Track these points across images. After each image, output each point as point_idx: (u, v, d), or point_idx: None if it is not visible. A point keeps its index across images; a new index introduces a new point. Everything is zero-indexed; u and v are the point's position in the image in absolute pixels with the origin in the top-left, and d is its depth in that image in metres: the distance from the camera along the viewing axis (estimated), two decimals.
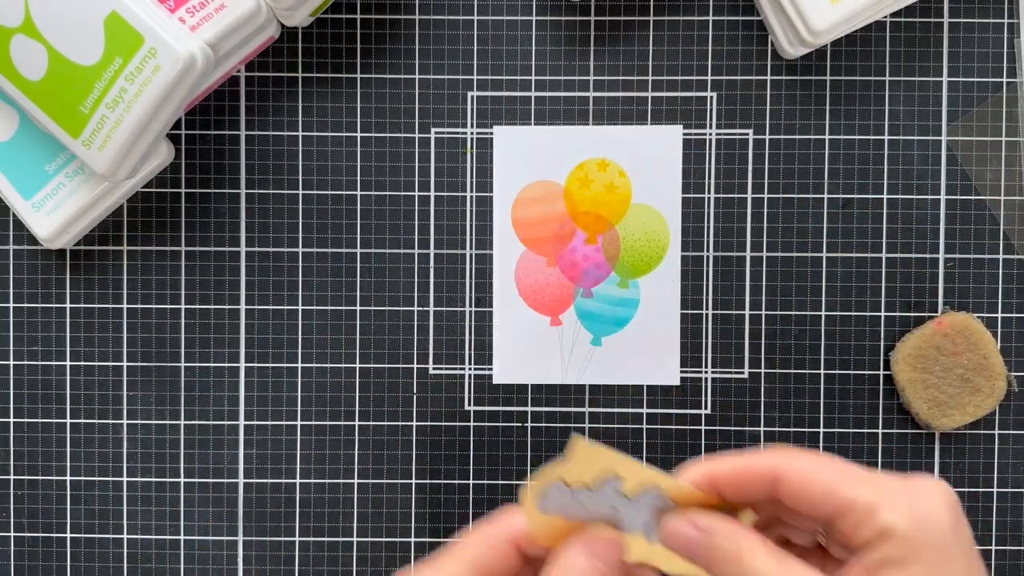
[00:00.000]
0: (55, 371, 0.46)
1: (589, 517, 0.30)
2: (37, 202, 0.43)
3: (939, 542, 0.27)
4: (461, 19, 0.45)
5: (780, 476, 0.28)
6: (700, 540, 0.29)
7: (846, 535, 0.28)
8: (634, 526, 0.30)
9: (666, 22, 0.45)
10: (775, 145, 0.45)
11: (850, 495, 0.27)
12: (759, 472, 0.29)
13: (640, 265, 0.45)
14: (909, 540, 0.26)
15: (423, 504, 0.46)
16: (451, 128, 0.45)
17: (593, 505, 0.30)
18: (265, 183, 0.45)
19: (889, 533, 0.27)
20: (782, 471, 0.28)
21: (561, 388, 0.45)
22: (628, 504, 0.30)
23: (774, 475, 0.29)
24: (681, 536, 0.29)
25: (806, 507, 0.28)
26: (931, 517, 0.27)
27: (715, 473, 0.29)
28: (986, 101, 0.45)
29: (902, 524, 0.27)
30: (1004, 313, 0.45)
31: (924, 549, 0.26)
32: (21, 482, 0.46)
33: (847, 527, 0.28)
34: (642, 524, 0.30)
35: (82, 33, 0.38)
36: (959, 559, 0.27)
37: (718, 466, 0.29)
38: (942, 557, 0.27)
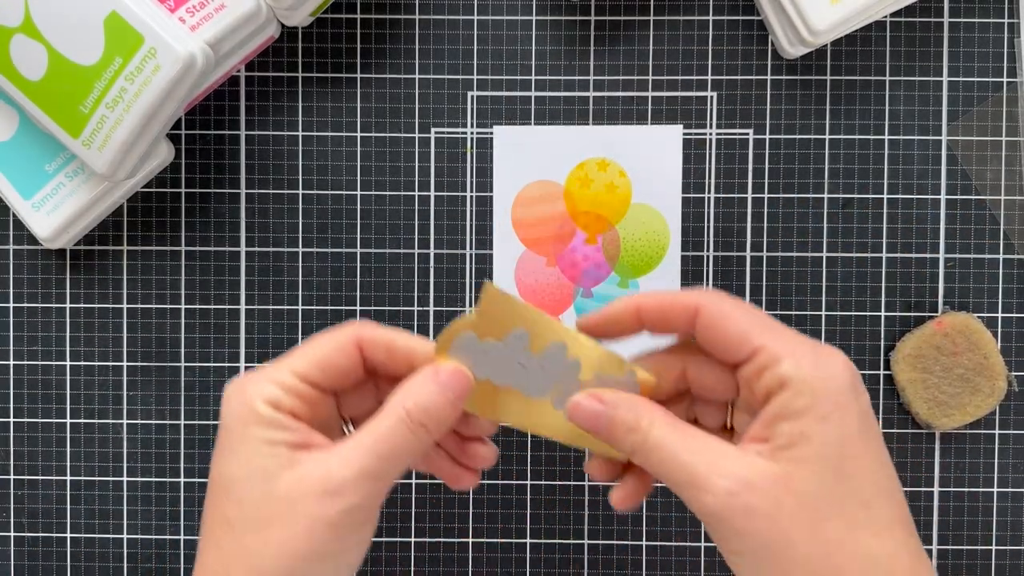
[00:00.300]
0: (55, 371, 0.46)
1: (496, 373, 0.30)
2: (37, 202, 0.42)
3: (836, 396, 0.27)
4: (461, 19, 0.45)
5: (701, 311, 0.29)
6: (603, 414, 0.29)
7: (749, 384, 0.29)
8: (539, 391, 0.31)
9: (666, 22, 0.45)
10: (775, 145, 0.45)
11: (759, 341, 0.28)
12: (683, 304, 0.29)
13: (640, 265, 0.45)
14: (807, 390, 0.27)
15: (423, 504, 0.45)
16: (451, 128, 0.45)
17: (500, 360, 0.30)
18: (265, 183, 0.45)
19: (789, 381, 0.27)
20: (703, 306, 0.29)
21: None
22: (534, 363, 0.30)
23: (696, 308, 0.29)
24: (585, 410, 0.30)
25: (719, 346, 0.29)
26: (831, 372, 0.28)
27: (641, 303, 0.30)
28: (986, 101, 0.45)
29: (802, 374, 0.27)
30: (1004, 313, 0.45)
31: (821, 401, 0.27)
32: (21, 482, 0.46)
33: (751, 374, 0.28)
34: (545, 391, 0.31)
35: (82, 33, 0.38)
36: (854, 416, 0.27)
37: (644, 298, 0.30)
38: (839, 411, 0.27)
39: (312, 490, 0.28)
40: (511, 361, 0.30)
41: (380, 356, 0.31)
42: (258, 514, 0.28)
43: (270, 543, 0.28)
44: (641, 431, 0.29)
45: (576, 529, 0.45)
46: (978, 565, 0.45)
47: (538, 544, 0.45)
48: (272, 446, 0.29)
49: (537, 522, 0.45)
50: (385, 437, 0.29)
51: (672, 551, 0.45)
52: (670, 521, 0.45)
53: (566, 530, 0.45)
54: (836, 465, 0.27)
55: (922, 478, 0.45)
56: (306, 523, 0.28)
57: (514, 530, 0.45)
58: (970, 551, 0.45)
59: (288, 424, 0.29)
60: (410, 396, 0.29)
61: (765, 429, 0.28)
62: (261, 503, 0.28)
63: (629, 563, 0.45)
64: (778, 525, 0.26)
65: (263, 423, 0.29)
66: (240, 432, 0.29)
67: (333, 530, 0.28)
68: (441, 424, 0.30)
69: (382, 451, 0.29)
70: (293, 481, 0.28)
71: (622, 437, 0.29)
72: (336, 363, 0.30)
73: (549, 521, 0.45)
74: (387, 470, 0.29)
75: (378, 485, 0.29)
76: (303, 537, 0.28)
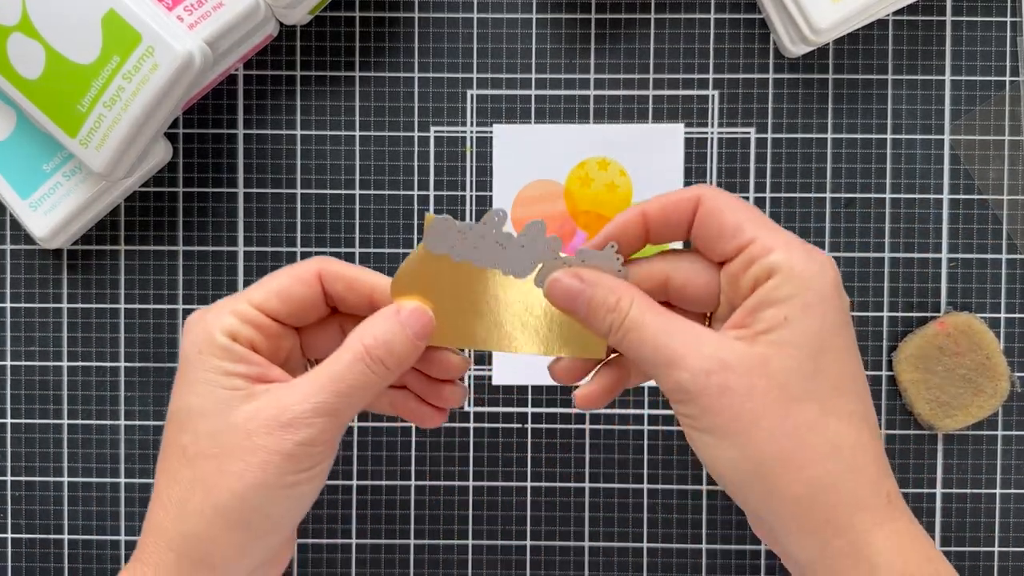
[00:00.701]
0: (52, 371, 0.45)
1: (475, 255, 0.31)
2: (34, 201, 0.42)
3: (821, 289, 0.28)
4: (461, 17, 0.45)
5: (702, 200, 0.30)
6: (583, 291, 0.30)
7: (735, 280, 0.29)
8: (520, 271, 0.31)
9: (667, 20, 0.45)
10: (777, 144, 0.45)
11: (753, 233, 0.29)
12: (685, 197, 0.30)
13: None
14: (794, 278, 0.28)
15: (422, 506, 0.45)
16: (451, 127, 0.45)
17: (477, 241, 0.30)
18: (264, 182, 0.45)
19: (777, 269, 0.28)
20: (704, 197, 0.30)
21: (561, 389, 0.45)
22: (513, 242, 0.30)
23: (697, 199, 0.30)
24: (564, 286, 0.30)
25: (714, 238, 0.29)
26: (819, 267, 0.28)
27: (646, 208, 0.30)
28: (989, 100, 0.45)
29: (790, 263, 0.28)
30: (1007, 313, 0.45)
31: (807, 290, 0.28)
32: (18, 483, 0.45)
33: (739, 267, 0.29)
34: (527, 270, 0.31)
35: (80, 31, 0.38)
36: (836, 311, 0.28)
37: (648, 204, 0.31)
38: (822, 303, 0.28)
39: (268, 422, 0.28)
40: (489, 242, 0.30)
41: (340, 289, 0.31)
42: (214, 445, 0.29)
43: (225, 474, 0.28)
44: (620, 310, 0.29)
45: (576, 531, 0.45)
46: (980, 567, 0.45)
47: (538, 546, 0.45)
48: (229, 377, 0.29)
49: (537, 523, 0.45)
50: (342, 373, 0.29)
51: (673, 553, 0.45)
52: (671, 523, 0.45)
53: (566, 532, 0.45)
54: (813, 353, 0.28)
55: (924, 479, 0.45)
56: (262, 455, 0.28)
57: (514, 531, 0.45)
58: (972, 552, 0.45)
59: (246, 356, 0.30)
60: (369, 332, 0.30)
61: (746, 316, 0.28)
62: (217, 434, 0.29)
63: (630, 565, 0.45)
64: (751, 403, 0.27)
65: (221, 354, 0.29)
66: (197, 363, 0.29)
67: (289, 462, 0.28)
68: (401, 361, 0.30)
69: (339, 387, 0.29)
70: (250, 413, 0.29)
71: (601, 316, 0.29)
72: (296, 294, 0.31)
73: (549, 523, 0.45)
74: (344, 406, 0.29)
75: (334, 420, 0.29)
76: (258, 468, 0.28)
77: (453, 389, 0.34)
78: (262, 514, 0.29)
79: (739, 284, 0.29)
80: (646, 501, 0.45)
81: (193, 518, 0.29)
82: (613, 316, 0.29)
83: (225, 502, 0.28)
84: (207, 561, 0.29)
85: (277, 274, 0.31)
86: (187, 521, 0.29)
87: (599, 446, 0.45)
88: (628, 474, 0.45)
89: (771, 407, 0.27)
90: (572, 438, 0.45)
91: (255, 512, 0.29)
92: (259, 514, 0.29)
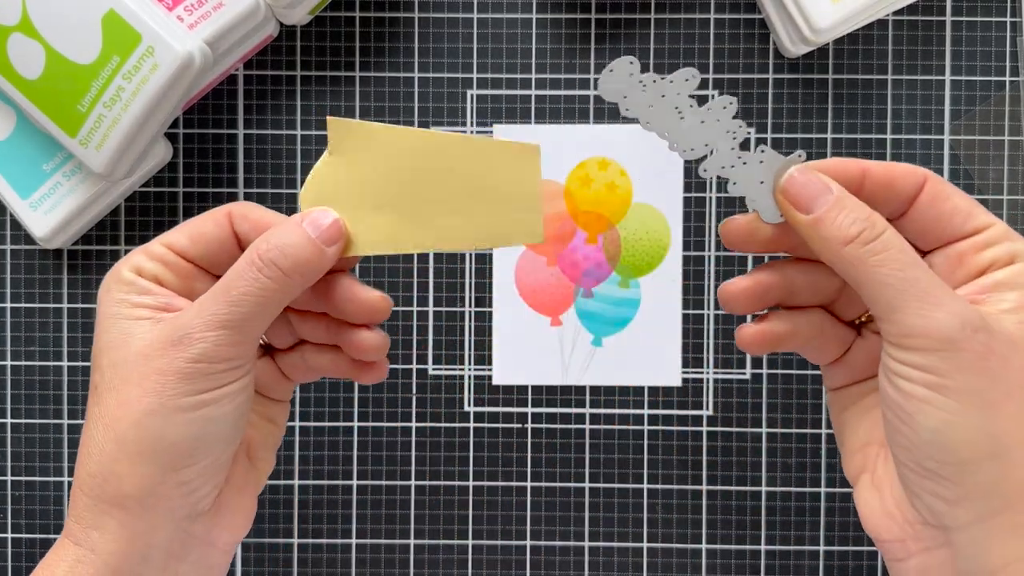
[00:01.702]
0: (52, 371, 0.45)
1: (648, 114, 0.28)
2: (34, 201, 0.42)
3: None
4: (460, 17, 0.45)
5: (930, 181, 0.28)
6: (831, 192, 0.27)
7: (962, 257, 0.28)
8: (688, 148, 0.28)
9: (667, 20, 0.45)
10: (777, 144, 0.45)
11: (989, 219, 0.28)
12: (912, 173, 0.28)
13: (641, 265, 0.45)
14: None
15: (422, 506, 0.45)
16: (451, 127, 0.45)
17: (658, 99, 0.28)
18: (263, 182, 0.45)
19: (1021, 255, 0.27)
20: (932, 179, 0.28)
21: (561, 389, 0.45)
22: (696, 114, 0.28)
23: (925, 178, 0.28)
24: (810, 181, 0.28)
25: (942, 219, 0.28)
26: None
27: (869, 166, 0.28)
28: (989, 100, 0.45)
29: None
30: None
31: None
32: (18, 483, 0.45)
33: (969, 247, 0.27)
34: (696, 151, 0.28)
35: (80, 31, 0.38)
36: None
37: (871, 164, 0.28)
38: None
39: (163, 343, 0.27)
40: (669, 105, 0.28)
41: (247, 230, 0.30)
42: (116, 376, 0.27)
43: (124, 403, 0.27)
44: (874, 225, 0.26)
45: (576, 531, 0.45)
46: None
47: (538, 546, 0.45)
48: (133, 308, 0.28)
49: (537, 523, 0.45)
50: (234, 281, 0.27)
51: (673, 553, 0.45)
52: (671, 523, 0.45)
53: (566, 532, 0.45)
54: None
55: None
56: (156, 377, 0.27)
57: (514, 531, 0.45)
58: None
59: (149, 288, 0.29)
60: (265, 237, 0.28)
61: (983, 293, 0.27)
62: (119, 364, 0.27)
63: (630, 565, 0.45)
64: (1009, 375, 0.25)
65: (125, 289, 0.28)
66: (105, 300, 0.29)
67: (184, 381, 0.27)
68: (298, 264, 0.28)
69: (233, 296, 0.27)
70: (148, 338, 0.27)
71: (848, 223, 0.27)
72: (205, 232, 0.30)
73: (549, 523, 0.45)
74: (239, 317, 0.27)
75: (233, 334, 0.27)
76: (153, 392, 0.27)
77: (370, 336, 0.31)
78: (164, 442, 0.27)
79: (966, 263, 0.27)
80: (646, 501, 0.45)
81: (96, 455, 0.27)
82: (867, 225, 0.26)
83: (123, 432, 0.27)
84: (118, 502, 0.27)
85: (193, 218, 0.30)
86: (92, 459, 0.27)
87: (599, 446, 0.45)
88: (628, 474, 0.45)
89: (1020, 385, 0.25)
90: (572, 438, 0.45)
91: (156, 441, 0.27)
92: (161, 443, 0.27)
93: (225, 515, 0.30)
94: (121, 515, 0.27)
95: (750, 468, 0.45)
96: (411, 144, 0.29)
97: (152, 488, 0.27)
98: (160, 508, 0.28)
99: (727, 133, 0.28)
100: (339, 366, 0.32)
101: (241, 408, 0.29)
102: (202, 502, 0.29)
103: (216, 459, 0.28)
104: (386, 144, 0.29)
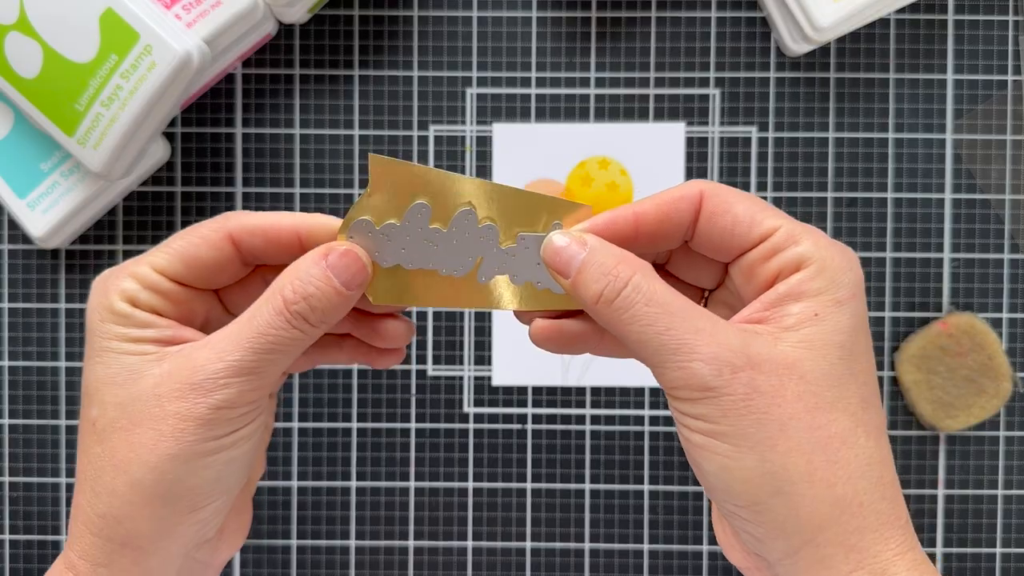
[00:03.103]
0: (49, 372, 0.45)
1: (404, 258, 0.27)
2: (32, 201, 0.42)
3: (852, 286, 0.25)
4: (460, 15, 0.45)
5: (706, 197, 0.27)
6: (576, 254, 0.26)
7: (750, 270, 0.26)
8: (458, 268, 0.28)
9: (668, 19, 0.45)
10: (778, 143, 0.45)
11: (774, 222, 0.26)
12: (685, 194, 0.27)
13: None
14: (827, 270, 0.25)
15: (422, 507, 0.45)
16: (450, 126, 0.45)
17: (404, 242, 0.27)
18: (262, 181, 0.45)
19: (808, 260, 0.25)
20: (708, 193, 0.27)
21: (561, 390, 0.45)
22: (444, 237, 0.27)
23: (699, 195, 0.27)
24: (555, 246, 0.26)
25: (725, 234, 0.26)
26: (849, 261, 0.26)
27: (638, 211, 0.27)
28: (991, 99, 0.45)
29: (822, 255, 0.25)
30: (1009, 313, 0.45)
31: (839, 286, 0.25)
32: (16, 484, 0.45)
33: (757, 257, 0.26)
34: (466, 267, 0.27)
35: (77, 30, 0.38)
36: (863, 311, 0.26)
37: (640, 204, 0.27)
38: (854, 301, 0.25)
39: (179, 386, 0.26)
40: (417, 241, 0.27)
41: (259, 244, 0.28)
42: (122, 416, 0.26)
43: (137, 445, 0.26)
44: (619, 276, 0.25)
45: (576, 532, 0.45)
46: (982, 568, 0.45)
47: (538, 547, 0.45)
48: (136, 343, 0.27)
49: (537, 524, 0.45)
50: (261, 329, 0.26)
51: (673, 554, 0.45)
52: (671, 524, 0.45)
53: (566, 533, 0.45)
54: (845, 355, 0.25)
55: (926, 480, 0.45)
56: (174, 422, 0.25)
57: (514, 533, 0.45)
58: (975, 554, 0.45)
59: (150, 320, 0.27)
60: (290, 283, 0.26)
61: (767, 310, 0.26)
62: (126, 404, 0.26)
63: (630, 566, 0.45)
64: (779, 409, 0.24)
65: (122, 321, 0.27)
66: (100, 331, 0.27)
67: (205, 428, 0.26)
68: (327, 315, 0.26)
69: (258, 345, 0.26)
70: (159, 377, 0.26)
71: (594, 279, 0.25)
72: (203, 257, 0.27)
73: (549, 524, 0.45)
74: (265, 364, 0.26)
75: (255, 380, 0.26)
76: (171, 437, 0.25)
77: (397, 324, 0.30)
78: (184, 487, 0.26)
79: (756, 275, 0.26)
80: (647, 502, 0.45)
81: (106, 497, 0.26)
82: (609, 280, 0.25)
83: (139, 477, 0.26)
84: (132, 543, 0.26)
85: (183, 233, 0.28)
86: (101, 500, 0.26)
87: (599, 447, 0.45)
88: (628, 475, 0.45)
89: (801, 415, 0.24)
90: (572, 439, 0.45)
91: (174, 485, 0.26)
92: (180, 487, 0.26)
93: (227, 536, 0.30)
94: (134, 554, 0.27)
95: None
96: (456, 189, 0.27)
97: (170, 530, 0.27)
98: (174, 546, 0.27)
99: (481, 240, 0.27)
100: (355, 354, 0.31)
101: (258, 443, 0.28)
102: (211, 532, 0.29)
103: (232, 495, 0.28)
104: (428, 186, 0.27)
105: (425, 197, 0.27)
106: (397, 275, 0.28)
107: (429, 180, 0.27)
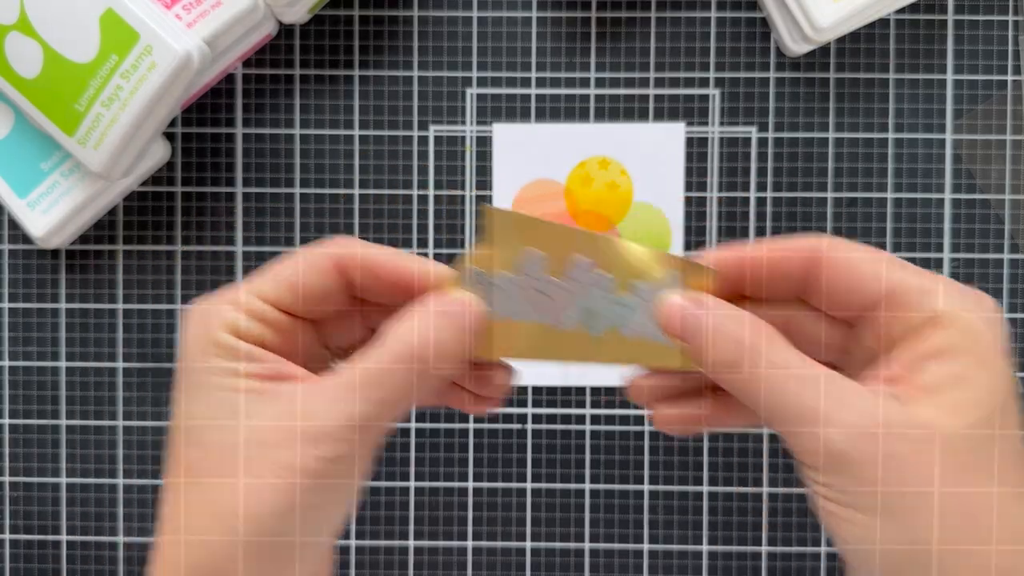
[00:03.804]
0: (50, 372, 0.45)
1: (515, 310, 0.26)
2: (32, 200, 0.42)
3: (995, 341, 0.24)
4: (460, 15, 0.45)
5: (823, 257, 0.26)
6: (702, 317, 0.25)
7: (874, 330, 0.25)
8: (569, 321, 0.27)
9: (668, 19, 0.45)
10: (779, 143, 0.45)
11: (902, 276, 0.25)
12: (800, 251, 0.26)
13: None
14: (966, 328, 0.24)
15: (421, 507, 0.45)
16: (450, 126, 0.45)
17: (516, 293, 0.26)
18: (262, 181, 0.45)
19: (943, 317, 0.24)
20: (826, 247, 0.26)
21: (561, 389, 0.45)
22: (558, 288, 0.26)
23: (815, 255, 0.26)
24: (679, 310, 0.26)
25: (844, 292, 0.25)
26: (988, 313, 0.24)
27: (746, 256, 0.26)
28: (991, 99, 0.45)
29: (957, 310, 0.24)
30: (1009, 314, 0.45)
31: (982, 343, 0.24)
32: (16, 484, 0.45)
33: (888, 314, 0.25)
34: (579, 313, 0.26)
35: (78, 30, 0.38)
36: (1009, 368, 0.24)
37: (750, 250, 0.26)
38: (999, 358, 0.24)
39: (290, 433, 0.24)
40: (530, 292, 0.26)
41: (367, 280, 0.27)
42: (224, 459, 0.24)
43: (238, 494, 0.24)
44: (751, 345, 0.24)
45: (576, 532, 0.45)
46: None
47: (538, 548, 0.45)
48: (240, 379, 0.25)
49: (537, 525, 0.45)
50: (380, 379, 0.24)
51: (674, 554, 0.45)
52: (672, 524, 0.45)
53: (567, 533, 0.45)
54: (990, 418, 0.23)
55: None
56: (281, 472, 0.24)
57: (514, 533, 0.45)
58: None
59: (256, 354, 0.25)
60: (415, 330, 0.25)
61: (904, 369, 0.24)
62: (228, 446, 0.24)
63: (630, 566, 0.45)
64: (919, 476, 0.23)
65: (225, 354, 0.25)
66: (201, 365, 0.25)
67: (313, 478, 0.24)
68: (446, 363, 0.25)
69: (376, 395, 0.24)
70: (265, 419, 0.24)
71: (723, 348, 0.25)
72: (311, 286, 0.26)
73: (549, 524, 0.45)
74: (381, 415, 0.25)
75: (369, 433, 0.25)
76: (278, 489, 0.24)
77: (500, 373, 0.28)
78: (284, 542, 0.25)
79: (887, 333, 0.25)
80: (647, 502, 0.45)
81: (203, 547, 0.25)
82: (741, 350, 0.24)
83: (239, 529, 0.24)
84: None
85: (287, 261, 0.27)
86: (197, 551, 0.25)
87: (599, 447, 0.45)
88: (629, 475, 0.45)
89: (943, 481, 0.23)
90: (572, 438, 0.45)
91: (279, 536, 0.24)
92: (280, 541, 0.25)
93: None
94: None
95: (751, 469, 0.45)
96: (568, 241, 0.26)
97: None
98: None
99: (595, 290, 0.27)
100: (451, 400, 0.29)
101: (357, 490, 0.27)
102: None
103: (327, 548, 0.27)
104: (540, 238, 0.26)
105: (537, 247, 0.26)
106: (509, 328, 0.27)
107: (542, 231, 0.26)
